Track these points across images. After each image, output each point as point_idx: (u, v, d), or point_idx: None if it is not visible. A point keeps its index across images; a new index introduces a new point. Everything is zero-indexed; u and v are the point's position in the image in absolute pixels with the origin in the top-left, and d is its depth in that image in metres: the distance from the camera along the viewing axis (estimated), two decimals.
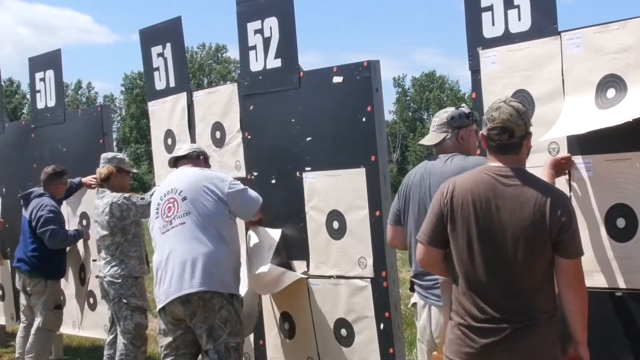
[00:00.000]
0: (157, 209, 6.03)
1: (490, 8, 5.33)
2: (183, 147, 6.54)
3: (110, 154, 7.61)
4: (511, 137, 3.92)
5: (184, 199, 5.85)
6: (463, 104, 5.44)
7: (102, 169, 7.41)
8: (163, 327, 5.93)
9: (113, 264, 7.21)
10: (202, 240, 5.73)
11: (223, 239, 5.82)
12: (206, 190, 5.87)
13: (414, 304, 5.11)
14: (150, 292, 6.59)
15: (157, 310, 5.95)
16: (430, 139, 5.10)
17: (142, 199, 7.23)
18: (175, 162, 6.38)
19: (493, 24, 5.33)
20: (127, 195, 7.28)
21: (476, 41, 5.42)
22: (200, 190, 5.87)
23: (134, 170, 7.75)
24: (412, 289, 5.14)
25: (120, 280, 7.16)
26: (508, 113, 3.91)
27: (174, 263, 5.74)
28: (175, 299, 5.70)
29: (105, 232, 7.22)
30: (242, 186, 6.11)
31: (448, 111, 5.13)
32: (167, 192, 6.01)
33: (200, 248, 5.71)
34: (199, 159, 6.36)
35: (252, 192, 6.16)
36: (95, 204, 7.45)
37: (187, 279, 5.66)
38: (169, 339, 5.91)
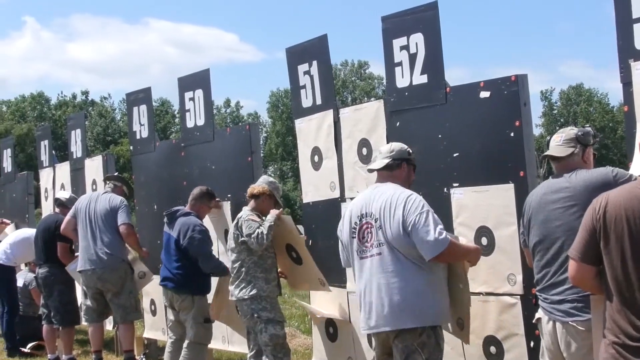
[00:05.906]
0: (355, 228, 5.70)
1: None
2: (381, 153, 5.87)
3: (271, 179, 7.84)
4: None
5: (380, 227, 5.50)
6: (587, 124, 5.37)
7: (258, 187, 7.61)
8: (374, 354, 5.87)
9: (242, 286, 7.37)
10: (398, 273, 5.44)
11: (421, 268, 5.42)
12: (396, 218, 5.43)
13: (538, 319, 5.04)
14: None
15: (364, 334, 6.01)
16: (559, 151, 5.09)
17: (261, 234, 7.19)
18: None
19: None
20: (256, 218, 7.37)
21: (628, 53, 5.31)
22: (391, 218, 5.45)
23: (280, 204, 7.77)
24: (536, 304, 5.11)
25: (248, 298, 7.32)
26: None
27: (373, 295, 5.57)
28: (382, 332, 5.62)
29: (232, 245, 7.44)
30: (426, 222, 5.34)
31: (574, 129, 5.13)
32: (364, 214, 5.64)
33: (397, 282, 5.44)
34: (400, 167, 5.79)
35: (434, 232, 5.31)
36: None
37: (388, 317, 5.48)
38: None
